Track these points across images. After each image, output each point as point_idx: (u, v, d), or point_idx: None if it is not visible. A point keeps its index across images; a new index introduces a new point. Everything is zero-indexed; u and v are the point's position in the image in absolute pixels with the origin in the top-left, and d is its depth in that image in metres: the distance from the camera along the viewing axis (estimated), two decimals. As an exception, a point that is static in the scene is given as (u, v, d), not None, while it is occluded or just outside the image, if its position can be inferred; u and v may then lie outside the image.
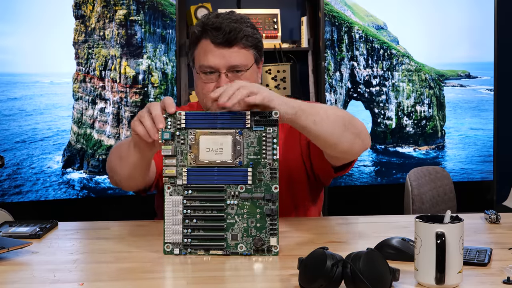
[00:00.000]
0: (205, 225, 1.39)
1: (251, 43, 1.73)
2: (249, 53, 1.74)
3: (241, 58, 1.72)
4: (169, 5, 3.67)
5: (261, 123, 1.39)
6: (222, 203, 1.38)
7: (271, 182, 1.38)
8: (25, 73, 3.59)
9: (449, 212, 1.17)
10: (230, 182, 1.39)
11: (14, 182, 3.49)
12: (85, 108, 3.64)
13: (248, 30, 1.73)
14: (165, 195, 1.39)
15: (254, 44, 1.74)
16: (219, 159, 1.40)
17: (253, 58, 1.75)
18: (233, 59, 1.71)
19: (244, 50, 1.73)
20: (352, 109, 3.94)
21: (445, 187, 2.97)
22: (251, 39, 1.73)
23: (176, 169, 1.40)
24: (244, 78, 1.72)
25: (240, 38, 1.71)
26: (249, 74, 1.74)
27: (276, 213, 1.40)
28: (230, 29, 1.71)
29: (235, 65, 1.71)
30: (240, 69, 1.72)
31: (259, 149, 1.40)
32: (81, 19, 3.58)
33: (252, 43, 1.74)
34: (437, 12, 3.97)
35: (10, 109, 3.52)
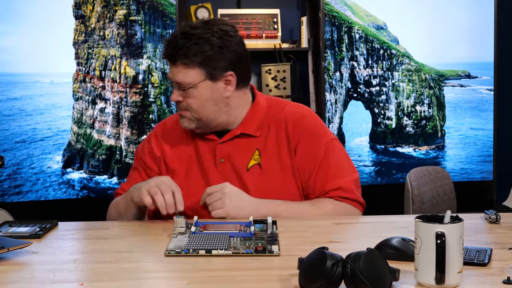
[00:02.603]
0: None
1: (195, 62, 1.72)
2: (195, 71, 1.73)
3: (183, 76, 1.74)
4: (169, 5, 3.67)
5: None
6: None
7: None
8: (25, 73, 3.59)
9: (449, 212, 1.17)
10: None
11: (14, 182, 3.49)
12: (85, 108, 3.64)
13: (193, 48, 1.72)
14: None
15: (200, 63, 1.73)
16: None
17: (203, 76, 1.74)
18: (176, 76, 1.75)
19: (187, 68, 1.73)
20: (352, 109, 3.94)
21: (445, 187, 2.97)
22: (196, 57, 1.72)
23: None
24: (193, 94, 1.75)
25: (181, 55, 1.73)
26: (198, 91, 1.75)
27: (276, 236, 1.44)
28: (175, 46, 1.74)
29: (178, 82, 1.75)
30: (183, 88, 1.75)
31: None
32: (81, 19, 3.58)
33: (197, 62, 1.72)
34: (437, 12, 3.97)
35: (10, 109, 3.52)
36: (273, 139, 1.82)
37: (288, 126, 1.82)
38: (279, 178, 1.79)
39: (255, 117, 1.84)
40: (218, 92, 1.77)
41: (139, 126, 3.65)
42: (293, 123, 1.82)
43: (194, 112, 1.77)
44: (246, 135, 1.82)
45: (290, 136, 1.81)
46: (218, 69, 1.75)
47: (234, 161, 1.80)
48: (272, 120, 1.84)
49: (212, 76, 1.75)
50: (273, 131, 1.83)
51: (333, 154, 1.82)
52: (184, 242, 1.42)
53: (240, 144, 1.82)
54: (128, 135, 3.65)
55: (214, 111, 1.78)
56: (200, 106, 1.76)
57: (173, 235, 1.48)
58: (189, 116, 1.78)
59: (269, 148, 1.81)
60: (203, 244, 1.39)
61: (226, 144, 1.82)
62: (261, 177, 1.79)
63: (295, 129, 1.81)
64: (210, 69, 1.74)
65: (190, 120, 1.79)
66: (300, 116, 1.84)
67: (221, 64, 1.75)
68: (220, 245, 1.39)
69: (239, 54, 1.77)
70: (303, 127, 1.82)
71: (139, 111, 3.64)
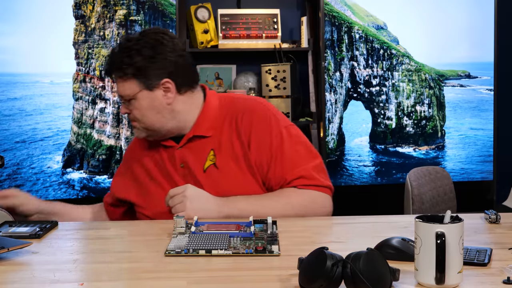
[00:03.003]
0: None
1: (129, 73, 1.76)
2: (130, 83, 1.77)
3: (122, 89, 1.80)
4: (169, 5, 3.67)
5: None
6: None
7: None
8: (25, 73, 3.59)
9: (449, 212, 1.17)
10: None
11: (14, 182, 3.49)
12: (85, 108, 3.64)
13: (125, 61, 1.76)
14: None
15: (133, 74, 1.76)
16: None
17: (139, 86, 1.77)
18: (118, 90, 1.82)
19: (124, 81, 1.79)
20: (352, 109, 3.94)
21: (445, 187, 2.97)
22: (128, 69, 1.76)
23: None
24: (135, 105, 1.79)
25: (115, 71, 1.79)
26: (138, 102, 1.79)
27: (276, 236, 1.44)
28: (110, 61, 1.80)
29: (120, 94, 1.81)
30: (126, 99, 1.80)
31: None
32: (81, 19, 3.58)
33: (130, 73, 1.76)
34: (437, 12, 3.97)
35: (10, 109, 3.52)
36: (226, 137, 1.81)
37: (239, 121, 1.80)
38: (237, 176, 1.78)
39: (206, 117, 1.84)
40: (158, 101, 1.79)
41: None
42: (243, 117, 1.81)
43: (140, 122, 1.81)
44: (198, 136, 1.83)
45: (242, 131, 1.79)
46: (152, 78, 1.77)
47: (192, 165, 1.81)
48: (225, 118, 1.84)
49: (148, 86, 1.78)
50: (226, 129, 1.82)
51: (288, 142, 1.79)
52: (184, 242, 1.42)
53: (195, 146, 1.83)
54: (128, 135, 3.65)
55: (158, 119, 1.80)
56: (143, 116, 1.80)
57: (173, 235, 1.48)
58: (138, 127, 1.83)
59: (223, 147, 1.80)
60: (203, 244, 1.39)
61: (183, 148, 1.84)
62: (218, 177, 1.78)
63: (245, 123, 1.80)
64: (144, 79, 1.77)
65: (139, 130, 1.83)
66: (249, 109, 1.83)
67: (154, 73, 1.77)
68: (220, 245, 1.39)
69: (174, 61, 1.79)
70: (253, 120, 1.80)
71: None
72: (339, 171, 3.94)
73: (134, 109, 1.79)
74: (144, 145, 1.92)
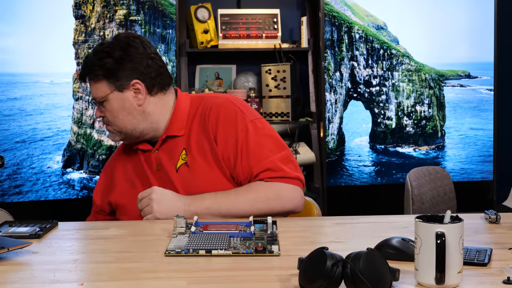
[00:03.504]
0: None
1: (100, 75, 1.81)
2: (102, 84, 1.82)
3: (94, 91, 1.84)
4: (169, 5, 3.67)
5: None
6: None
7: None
8: (25, 73, 3.59)
9: (449, 212, 1.17)
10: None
11: (14, 182, 3.49)
12: (85, 108, 3.64)
13: (96, 63, 1.81)
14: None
15: (104, 75, 1.81)
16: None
17: (109, 88, 1.81)
18: (92, 92, 1.86)
19: (95, 83, 1.83)
20: (352, 109, 3.95)
21: (445, 187, 2.97)
22: (99, 71, 1.80)
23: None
24: (107, 107, 1.83)
25: (88, 72, 1.83)
26: (111, 104, 1.83)
27: (276, 236, 1.43)
28: (84, 65, 1.86)
29: (93, 97, 1.86)
30: (98, 101, 1.84)
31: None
32: (81, 19, 3.58)
33: (101, 74, 1.81)
34: (437, 12, 3.97)
35: (10, 109, 3.52)
36: (195, 135, 1.83)
37: (206, 118, 1.82)
38: (206, 173, 1.79)
39: (177, 117, 1.86)
40: (128, 102, 1.82)
41: None
42: (210, 114, 1.82)
43: (113, 125, 1.84)
44: (171, 137, 1.85)
45: (209, 127, 1.81)
46: (121, 79, 1.81)
47: (166, 166, 1.83)
48: (194, 116, 1.86)
49: (118, 87, 1.81)
50: (195, 127, 1.84)
51: (254, 135, 1.79)
52: (184, 242, 1.42)
53: (169, 147, 1.85)
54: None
55: (130, 121, 1.83)
56: (115, 118, 1.83)
57: (173, 235, 1.48)
58: (112, 130, 1.86)
59: (193, 145, 1.82)
60: (203, 244, 1.39)
61: (158, 151, 1.86)
62: (189, 176, 1.80)
63: (212, 119, 1.81)
64: (114, 80, 1.80)
65: (113, 133, 1.87)
66: (216, 105, 1.84)
67: (124, 73, 1.81)
68: (220, 245, 1.39)
69: (144, 63, 1.82)
70: (219, 115, 1.81)
71: (139, 111, 3.64)
72: (339, 171, 3.94)
73: (106, 111, 1.83)
74: (123, 153, 1.96)
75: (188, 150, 1.82)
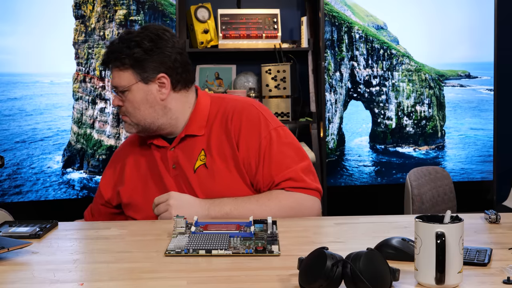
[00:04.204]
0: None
1: (127, 64, 1.77)
2: (127, 74, 1.78)
3: (118, 79, 1.80)
4: (169, 5, 3.67)
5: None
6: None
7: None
8: (25, 73, 3.59)
9: (449, 212, 1.17)
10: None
11: (14, 182, 3.49)
12: (85, 108, 3.64)
13: (124, 51, 1.77)
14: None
15: (131, 65, 1.77)
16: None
17: (135, 78, 1.78)
18: (113, 80, 1.81)
19: (121, 71, 1.79)
20: (352, 109, 3.94)
21: (445, 187, 2.97)
22: (126, 60, 1.77)
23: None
24: (128, 97, 1.79)
25: (113, 60, 1.79)
26: (133, 94, 1.79)
27: (276, 236, 1.44)
28: (109, 51, 1.81)
29: (114, 86, 1.81)
30: (120, 90, 1.79)
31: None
32: (81, 19, 3.58)
33: (128, 64, 1.77)
34: (437, 12, 3.97)
35: (10, 109, 3.52)
36: (216, 137, 1.81)
37: (228, 121, 1.80)
38: (226, 176, 1.77)
39: (197, 117, 1.84)
40: (152, 95, 1.80)
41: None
42: (232, 118, 1.80)
43: (131, 116, 1.81)
44: (190, 136, 1.83)
45: (231, 132, 1.79)
46: (149, 71, 1.78)
47: (183, 165, 1.81)
48: (215, 117, 1.83)
49: (144, 79, 1.78)
50: (216, 129, 1.82)
51: (277, 143, 1.79)
52: (184, 242, 1.42)
53: (187, 146, 1.82)
54: (128, 135, 3.65)
55: (150, 114, 1.80)
56: (135, 109, 1.80)
57: (173, 235, 1.48)
58: (129, 121, 1.83)
59: (213, 147, 1.80)
60: (203, 244, 1.39)
61: (175, 149, 1.83)
62: (207, 178, 1.78)
63: (234, 123, 1.79)
64: (140, 71, 1.78)
65: (130, 125, 1.83)
66: (239, 110, 1.82)
67: (152, 66, 1.78)
68: (220, 245, 1.39)
69: (172, 57, 1.80)
70: (242, 120, 1.80)
71: (139, 111, 3.63)
72: (339, 171, 3.94)
73: (127, 102, 1.79)
74: (136, 146, 1.92)
75: (208, 151, 1.80)
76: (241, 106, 1.84)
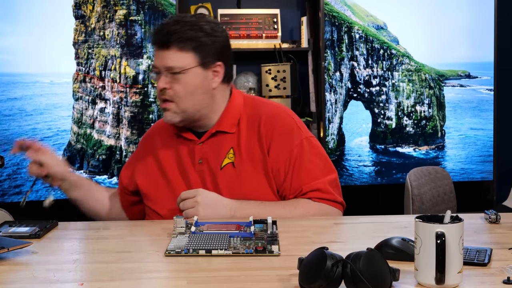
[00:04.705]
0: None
1: (189, 46, 1.73)
2: (188, 56, 1.73)
3: (176, 60, 1.73)
4: (169, 5, 3.67)
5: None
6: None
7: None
8: (25, 73, 3.59)
9: (449, 212, 1.17)
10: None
11: (14, 182, 3.49)
12: (85, 108, 3.64)
13: (188, 33, 1.73)
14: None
15: (194, 47, 1.73)
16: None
17: (195, 61, 1.74)
18: (169, 60, 1.74)
19: (181, 52, 1.73)
20: (352, 109, 3.94)
21: (445, 187, 2.97)
22: (190, 42, 1.73)
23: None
24: (183, 80, 1.74)
25: (175, 40, 1.73)
26: (188, 78, 1.74)
27: (276, 236, 1.44)
28: (167, 31, 1.74)
29: (170, 66, 1.74)
30: (175, 71, 1.74)
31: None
32: (81, 19, 3.58)
33: (191, 46, 1.73)
34: (437, 12, 3.97)
35: (10, 109, 3.52)
36: (247, 138, 1.79)
37: (261, 125, 1.79)
38: (252, 179, 1.76)
39: (230, 114, 1.82)
40: (207, 82, 1.77)
41: (139, 126, 3.65)
42: (266, 123, 1.79)
43: (181, 101, 1.75)
44: (221, 132, 1.80)
45: (263, 136, 1.78)
46: (209, 57, 1.75)
47: (210, 161, 1.79)
48: (248, 118, 1.82)
49: (203, 64, 1.75)
50: (248, 131, 1.80)
51: (308, 153, 1.79)
52: (184, 242, 1.42)
53: (216, 142, 1.80)
54: (128, 135, 3.65)
55: (200, 101, 1.76)
56: (187, 94, 1.74)
57: (173, 235, 1.48)
58: (174, 109, 1.76)
59: (243, 147, 1.78)
60: (203, 244, 1.39)
61: (204, 144, 1.81)
62: (233, 177, 1.76)
63: (267, 129, 1.78)
64: (202, 55, 1.74)
65: (174, 113, 1.76)
66: (273, 115, 1.82)
67: (212, 52, 1.76)
68: (220, 245, 1.39)
69: (227, 47, 1.80)
70: (276, 127, 1.79)
71: (139, 111, 3.64)
72: (339, 171, 3.94)
73: (180, 85, 1.74)
74: (162, 136, 1.88)
75: (237, 150, 1.78)
76: (275, 111, 1.84)
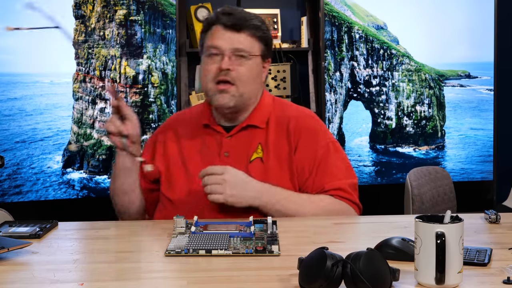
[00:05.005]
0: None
1: (259, 34, 1.79)
2: (256, 43, 1.80)
3: (247, 43, 1.78)
4: (169, 5, 3.67)
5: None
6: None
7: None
8: (25, 73, 3.59)
9: (449, 212, 1.17)
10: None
11: (14, 182, 3.49)
12: (85, 108, 3.64)
13: (258, 23, 1.80)
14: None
15: (262, 37, 1.80)
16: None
17: (260, 50, 1.81)
18: (240, 42, 1.77)
19: (252, 38, 1.79)
20: (352, 109, 3.94)
21: (445, 187, 2.97)
22: (260, 31, 1.80)
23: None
24: (248, 65, 1.77)
25: (249, 26, 1.78)
26: (252, 64, 1.79)
27: (276, 236, 1.44)
28: (242, 16, 1.79)
29: (240, 48, 1.77)
30: (244, 54, 1.77)
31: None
32: (81, 19, 3.58)
33: (260, 35, 1.80)
34: (437, 12, 3.97)
35: (10, 109, 3.52)
36: (275, 135, 1.83)
37: (290, 125, 1.83)
38: (278, 175, 1.79)
39: (261, 110, 1.86)
40: (261, 74, 1.84)
41: (139, 126, 3.65)
42: (295, 122, 1.84)
43: (242, 84, 1.78)
44: (252, 126, 1.84)
45: (291, 135, 1.82)
46: (268, 50, 1.84)
47: (237, 154, 1.81)
48: (277, 118, 1.87)
49: (264, 55, 1.83)
50: (276, 128, 1.84)
51: (333, 155, 1.83)
52: (184, 242, 1.42)
53: (245, 137, 1.83)
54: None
55: (255, 90, 1.83)
56: (249, 78, 1.79)
57: (173, 235, 1.48)
58: (233, 92, 1.77)
59: (270, 144, 1.82)
60: (203, 244, 1.39)
61: (232, 138, 1.83)
62: (261, 172, 1.79)
63: (296, 128, 1.83)
64: (264, 47, 1.82)
65: (232, 96, 1.77)
66: (300, 116, 1.88)
67: (270, 47, 1.85)
68: (220, 245, 1.39)
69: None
70: (304, 127, 1.84)
71: (139, 111, 3.64)
72: (339, 171, 3.94)
73: (245, 68, 1.78)
74: (187, 128, 1.89)
75: (264, 147, 1.81)
76: (303, 113, 1.90)
